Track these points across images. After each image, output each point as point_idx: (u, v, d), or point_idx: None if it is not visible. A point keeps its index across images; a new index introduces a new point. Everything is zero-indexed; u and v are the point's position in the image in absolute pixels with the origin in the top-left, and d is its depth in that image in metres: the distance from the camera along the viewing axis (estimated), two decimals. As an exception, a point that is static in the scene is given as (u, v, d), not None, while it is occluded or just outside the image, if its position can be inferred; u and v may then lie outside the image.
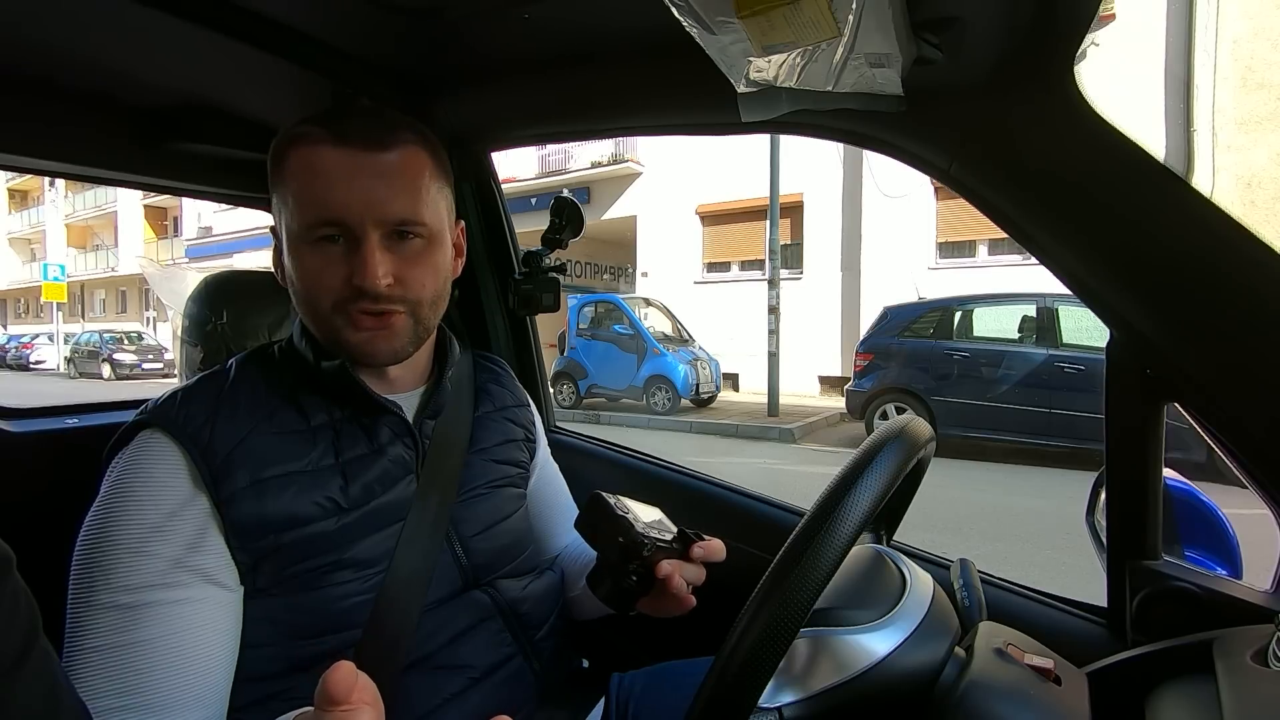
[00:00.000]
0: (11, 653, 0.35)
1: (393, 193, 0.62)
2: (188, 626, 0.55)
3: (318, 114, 0.64)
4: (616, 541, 0.59)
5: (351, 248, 0.62)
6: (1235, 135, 7.27)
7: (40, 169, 1.02)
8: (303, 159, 0.61)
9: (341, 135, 0.61)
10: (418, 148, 0.65)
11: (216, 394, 0.63)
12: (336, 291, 0.62)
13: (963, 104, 0.68)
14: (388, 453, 0.67)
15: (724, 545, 0.67)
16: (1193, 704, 0.53)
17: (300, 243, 0.62)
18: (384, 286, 0.61)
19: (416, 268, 0.64)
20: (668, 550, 0.62)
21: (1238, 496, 0.71)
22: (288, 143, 0.63)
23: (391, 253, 0.63)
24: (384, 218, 0.62)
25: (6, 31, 0.77)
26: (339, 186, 0.60)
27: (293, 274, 0.64)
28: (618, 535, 0.59)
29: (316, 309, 0.63)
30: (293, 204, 0.62)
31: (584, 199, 12.21)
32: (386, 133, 0.63)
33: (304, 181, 0.61)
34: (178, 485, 0.58)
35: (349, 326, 0.63)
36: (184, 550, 0.56)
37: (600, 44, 0.86)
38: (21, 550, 0.38)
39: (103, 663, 0.53)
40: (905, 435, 0.50)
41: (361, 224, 0.61)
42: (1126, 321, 0.65)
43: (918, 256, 9.34)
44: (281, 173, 0.63)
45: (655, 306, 9.86)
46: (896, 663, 0.52)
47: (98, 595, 0.54)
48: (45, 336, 21.70)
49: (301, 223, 0.61)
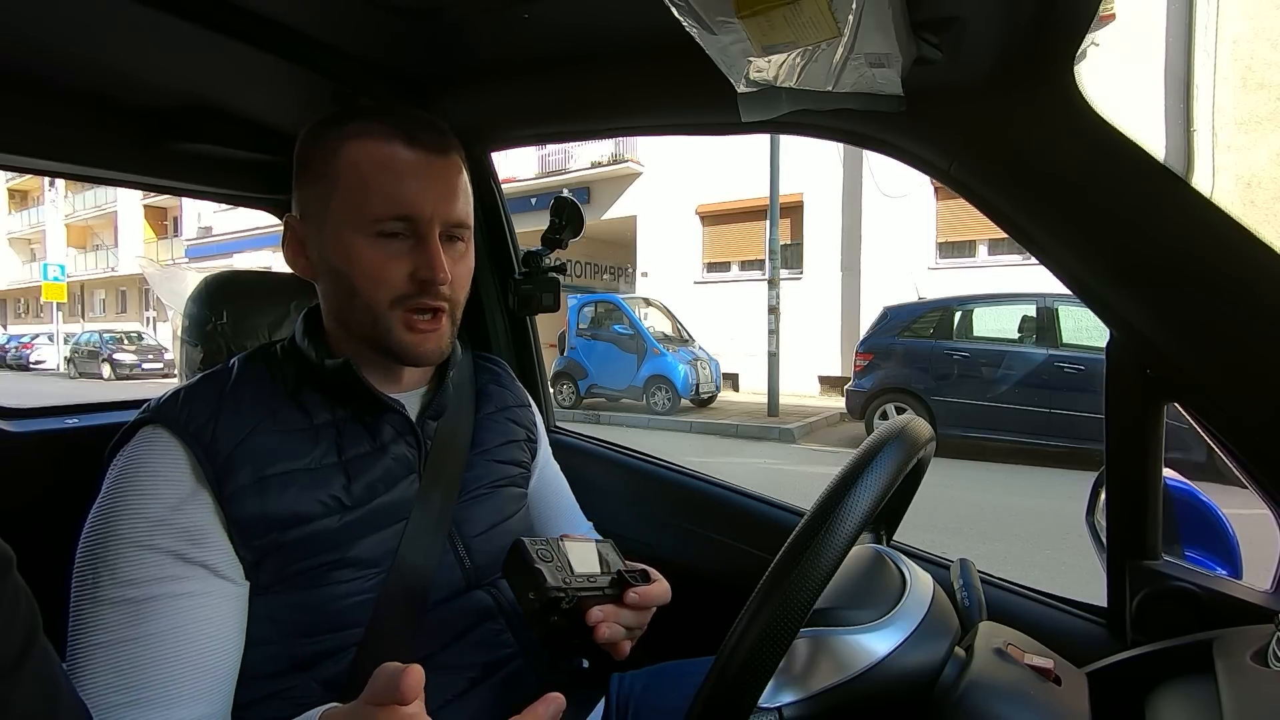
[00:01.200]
0: (12, 653, 0.35)
1: (453, 196, 0.66)
2: (194, 620, 0.55)
3: (372, 112, 0.65)
4: (528, 596, 0.57)
5: (415, 244, 0.64)
6: (1235, 135, 7.27)
7: (40, 169, 1.02)
8: (371, 153, 0.63)
9: (412, 136, 0.64)
10: (459, 156, 0.69)
11: (219, 392, 0.64)
12: (398, 286, 0.64)
13: (963, 104, 0.68)
14: (390, 451, 0.67)
15: (668, 588, 0.66)
16: (1193, 704, 0.53)
17: (359, 234, 0.63)
18: (445, 283, 0.64)
19: (461, 269, 0.68)
20: (598, 596, 0.60)
21: (1238, 496, 0.71)
22: (348, 136, 0.64)
23: (446, 254, 0.66)
24: (447, 218, 0.65)
25: (6, 31, 0.77)
26: (413, 184, 0.63)
27: (341, 265, 0.64)
28: (529, 590, 0.56)
29: (372, 301, 0.64)
30: (355, 196, 0.63)
31: (584, 199, 12.21)
32: (445, 139, 0.67)
33: (373, 174, 0.63)
34: (180, 480, 0.58)
35: (401, 325, 0.65)
36: (188, 544, 0.56)
37: (600, 44, 0.87)
38: (21, 550, 0.38)
39: (109, 658, 0.52)
40: (905, 435, 0.50)
41: (430, 221, 0.64)
42: (1126, 321, 0.65)
43: (918, 256, 9.33)
44: (335, 163, 0.64)
45: (655, 306, 9.86)
46: (896, 663, 0.52)
47: (102, 591, 0.54)
48: (45, 336, 21.70)
49: (366, 214, 0.63)
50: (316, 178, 0.65)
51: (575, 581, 0.58)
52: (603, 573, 0.62)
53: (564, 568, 0.59)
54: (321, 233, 0.65)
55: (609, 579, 0.62)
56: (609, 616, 0.60)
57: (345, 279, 0.64)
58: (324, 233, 0.65)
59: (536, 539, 0.60)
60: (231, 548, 0.58)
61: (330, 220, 0.64)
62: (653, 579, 0.65)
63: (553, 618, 0.57)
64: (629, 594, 0.61)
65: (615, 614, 0.61)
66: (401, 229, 0.64)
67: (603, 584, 0.61)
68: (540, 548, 0.59)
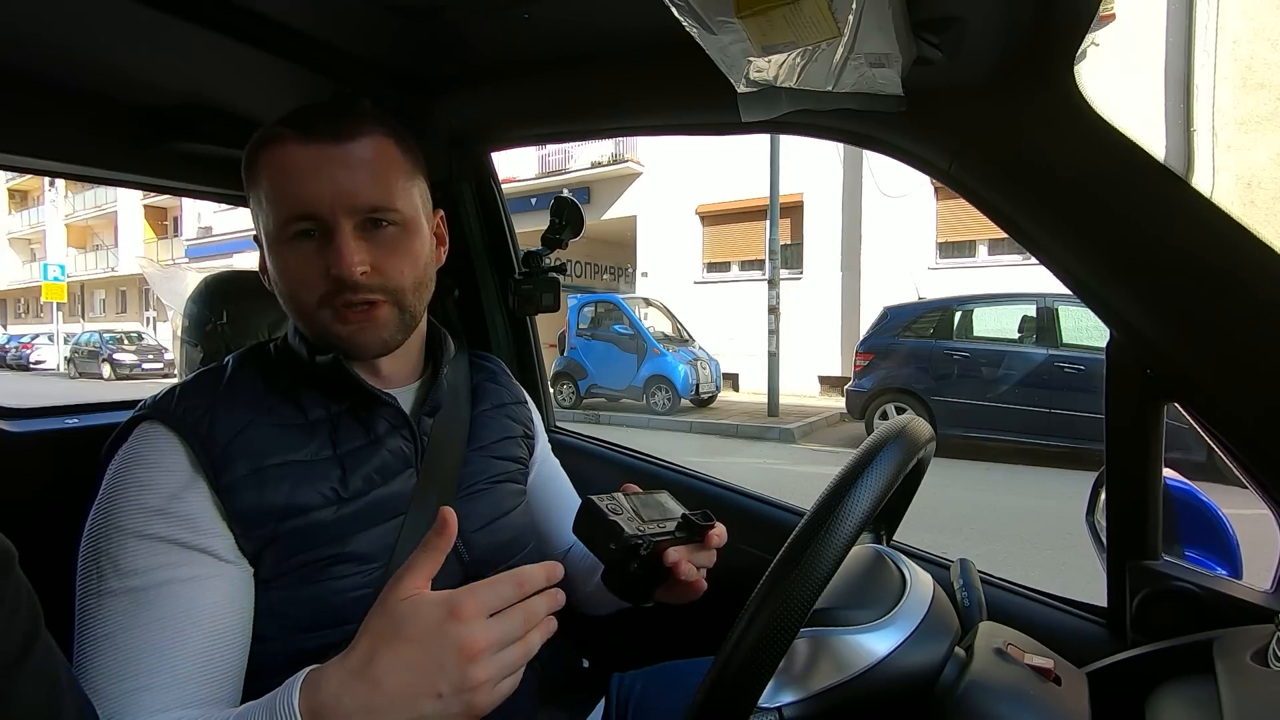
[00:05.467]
0: (13, 649, 0.35)
1: (361, 182, 0.62)
2: (199, 604, 0.55)
3: (285, 115, 0.64)
4: (609, 548, 0.59)
5: (326, 240, 0.62)
6: (1235, 135, 7.27)
7: (40, 169, 1.02)
8: (272, 158, 0.62)
9: (306, 130, 0.61)
10: (383, 137, 0.65)
11: (214, 388, 0.64)
12: (317, 286, 0.62)
13: (963, 104, 0.68)
14: (386, 444, 0.67)
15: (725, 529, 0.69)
16: (1193, 704, 0.53)
17: (277, 243, 0.63)
18: (360, 275, 0.61)
19: (393, 255, 0.64)
20: (670, 540, 0.63)
21: (1238, 496, 0.71)
22: (257, 146, 0.63)
23: (366, 241, 0.63)
24: (355, 206, 0.62)
25: (6, 31, 0.77)
26: (307, 180, 0.60)
27: (275, 275, 0.65)
28: (609, 541, 0.59)
29: (301, 306, 0.64)
30: (266, 205, 0.62)
31: (584, 199, 12.21)
32: (351, 124, 0.63)
33: (274, 180, 0.62)
34: (178, 470, 0.58)
35: (335, 320, 0.64)
36: (188, 532, 0.57)
37: (600, 44, 0.86)
38: (23, 549, 0.38)
39: (116, 647, 0.52)
40: (905, 435, 0.50)
41: (333, 214, 0.61)
42: (1126, 321, 0.65)
43: (918, 256, 9.33)
44: (255, 177, 0.63)
45: (655, 306, 9.86)
46: (896, 663, 0.52)
47: (106, 583, 0.54)
48: (45, 336, 21.69)
49: (276, 221, 0.62)
50: (250, 192, 0.65)
51: (649, 529, 0.61)
52: (670, 517, 0.66)
53: (635, 518, 0.62)
54: (264, 245, 0.66)
55: (675, 522, 0.65)
56: (685, 556, 0.63)
57: (279, 288, 0.65)
58: (265, 244, 0.65)
59: (602, 495, 0.62)
60: (233, 537, 0.59)
61: (264, 233, 0.65)
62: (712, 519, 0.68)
63: (633, 564, 0.60)
64: (711, 535, 0.66)
65: (689, 554, 0.64)
66: (310, 227, 0.62)
67: (672, 528, 0.64)
68: (609, 503, 0.62)
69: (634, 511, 0.62)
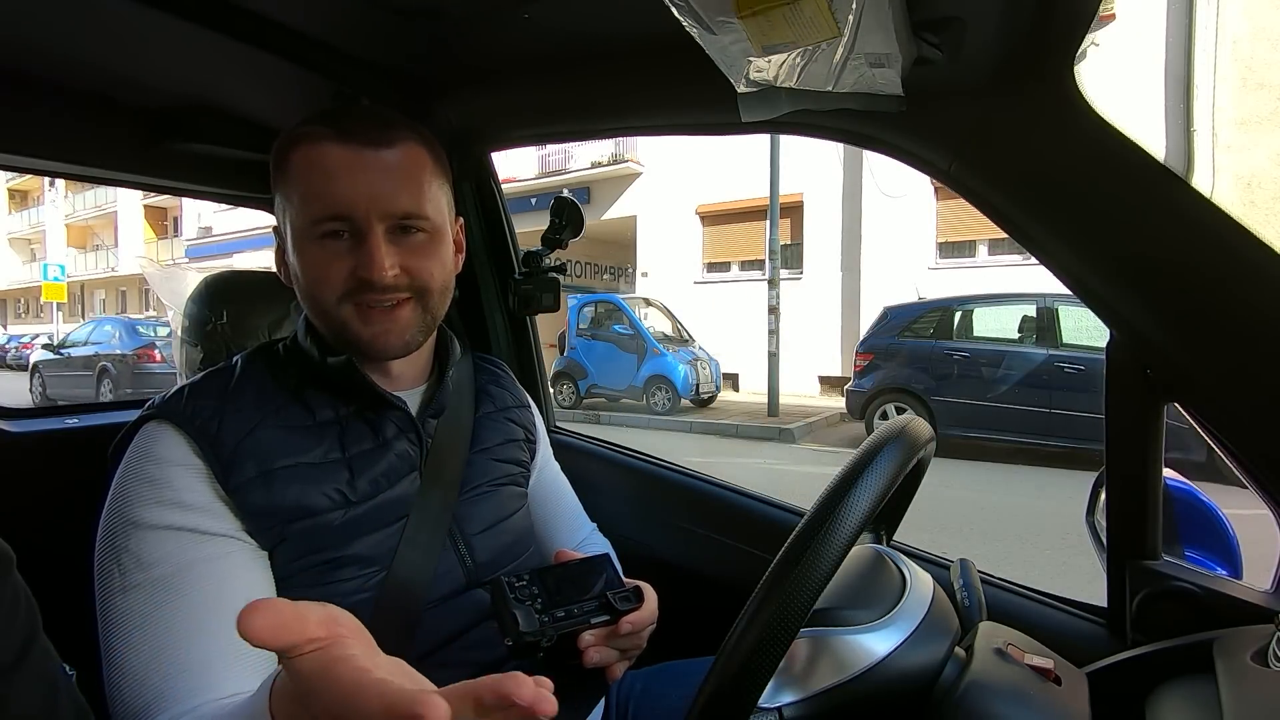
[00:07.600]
0: (11, 652, 0.35)
1: (396, 187, 0.63)
2: (226, 585, 0.55)
3: (319, 114, 0.65)
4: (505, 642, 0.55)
5: (356, 242, 0.63)
6: (1235, 135, 7.27)
7: (40, 169, 1.02)
8: (307, 156, 0.62)
9: (345, 132, 0.62)
10: (418, 145, 0.66)
11: (223, 388, 0.64)
12: (342, 285, 0.63)
13: (963, 104, 0.68)
14: (393, 447, 0.68)
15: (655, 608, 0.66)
16: (1193, 704, 0.53)
17: (305, 239, 0.63)
18: (390, 278, 0.62)
19: (423, 259, 0.66)
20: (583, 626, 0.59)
21: (1238, 496, 0.71)
22: (291, 142, 0.63)
23: (396, 246, 0.64)
24: (389, 211, 0.63)
25: (6, 31, 0.77)
26: (343, 181, 0.61)
27: (297, 270, 0.65)
28: (505, 635, 0.55)
29: (322, 303, 0.64)
30: (298, 201, 0.63)
31: (584, 199, 12.21)
32: (388, 130, 0.64)
33: (309, 178, 0.62)
34: (189, 465, 0.58)
35: (357, 320, 0.64)
36: (207, 519, 0.57)
37: (600, 44, 0.86)
38: (21, 551, 0.38)
39: (147, 639, 0.52)
40: (905, 435, 0.50)
41: (367, 218, 0.62)
42: (1126, 321, 0.65)
43: (918, 256, 9.33)
44: (286, 172, 0.64)
45: (655, 306, 9.86)
46: (896, 663, 0.52)
47: (128, 578, 0.54)
48: (45, 337, 21.69)
49: (307, 218, 0.62)
50: (278, 186, 0.65)
51: (559, 614, 0.58)
52: (591, 596, 0.61)
53: (546, 605, 0.58)
54: (288, 240, 0.66)
55: (596, 603, 0.61)
56: (599, 641, 0.61)
57: (300, 283, 0.65)
58: (289, 240, 0.65)
59: (520, 574, 0.59)
60: (246, 533, 0.59)
61: (290, 228, 0.65)
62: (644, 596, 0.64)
63: (538, 653, 0.56)
64: (622, 624, 0.61)
65: (608, 638, 0.61)
66: (342, 228, 0.62)
67: (589, 609, 0.60)
68: (520, 585, 0.58)
69: (549, 594, 0.59)
